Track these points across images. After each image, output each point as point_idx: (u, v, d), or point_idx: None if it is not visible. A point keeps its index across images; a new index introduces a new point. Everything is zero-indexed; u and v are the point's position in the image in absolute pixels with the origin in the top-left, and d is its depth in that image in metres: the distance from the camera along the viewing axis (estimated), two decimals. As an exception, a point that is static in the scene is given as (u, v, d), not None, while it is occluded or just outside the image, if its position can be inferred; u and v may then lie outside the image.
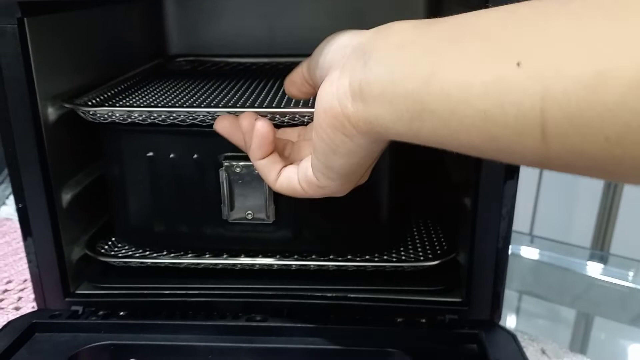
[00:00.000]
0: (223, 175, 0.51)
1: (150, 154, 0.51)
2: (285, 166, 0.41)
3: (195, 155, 0.51)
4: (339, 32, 0.37)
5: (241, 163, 0.50)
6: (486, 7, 0.41)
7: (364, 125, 0.32)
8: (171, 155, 0.51)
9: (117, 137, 0.52)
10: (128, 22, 0.69)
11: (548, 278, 0.76)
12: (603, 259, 0.80)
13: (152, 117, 0.48)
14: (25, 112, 0.46)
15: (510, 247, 0.48)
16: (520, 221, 0.93)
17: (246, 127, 0.41)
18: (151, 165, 0.52)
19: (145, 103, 0.53)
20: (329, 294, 0.51)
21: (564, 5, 0.23)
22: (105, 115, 0.49)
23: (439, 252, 0.55)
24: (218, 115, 0.46)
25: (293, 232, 0.53)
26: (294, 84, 0.43)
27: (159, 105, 0.52)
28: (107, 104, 0.52)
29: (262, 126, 0.40)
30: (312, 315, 0.49)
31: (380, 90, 0.30)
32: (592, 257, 0.80)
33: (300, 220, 0.53)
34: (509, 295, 0.67)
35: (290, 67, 0.71)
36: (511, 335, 0.45)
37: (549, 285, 0.74)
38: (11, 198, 0.89)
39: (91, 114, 0.49)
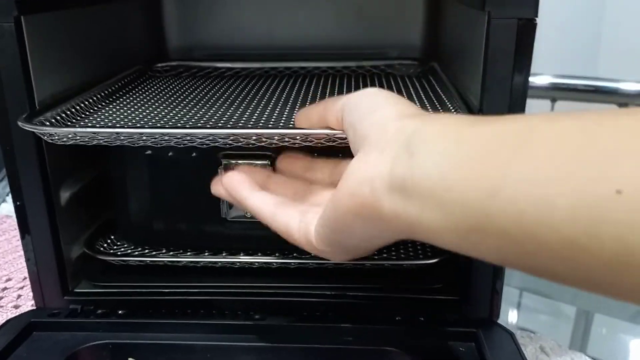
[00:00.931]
0: (222, 173, 0.51)
1: (149, 152, 0.51)
2: (287, 204, 0.40)
3: (194, 154, 0.51)
4: (380, 93, 0.34)
5: (240, 161, 0.50)
6: (483, 4, 0.41)
7: (398, 223, 0.28)
8: (170, 154, 0.51)
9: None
10: (120, 24, 0.69)
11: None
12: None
13: (120, 139, 0.43)
14: (23, 111, 0.46)
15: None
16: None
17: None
18: (150, 164, 0.51)
19: (114, 121, 0.49)
20: (327, 292, 0.51)
21: None
22: (66, 138, 0.43)
23: (437, 250, 0.55)
24: (199, 137, 0.43)
25: None
26: (308, 121, 0.42)
27: (130, 124, 0.48)
28: (70, 122, 0.47)
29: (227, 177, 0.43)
30: (311, 313, 0.49)
31: (429, 192, 0.26)
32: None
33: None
34: (510, 292, 0.67)
35: (285, 74, 0.70)
36: (509, 334, 0.45)
37: (549, 282, 0.74)
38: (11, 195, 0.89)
39: (50, 136, 0.44)
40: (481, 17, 0.42)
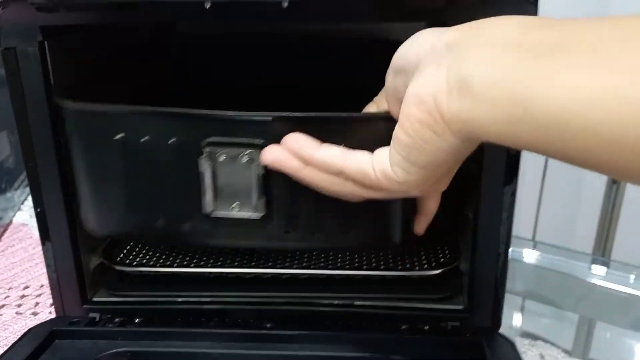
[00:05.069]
0: (205, 164, 0.44)
1: (121, 135, 0.45)
2: (353, 151, 0.40)
3: (173, 139, 0.44)
4: (419, 32, 0.37)
5: (225, 149, 0.44)
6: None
7: (457, 124, 0.32)
8: (143, 139, 0.45)
9: (82, 119, 0.47)
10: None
11: (551, 283, 0.77)
12: (605, 265, 0.82)
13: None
14: (46, 127, 0.48)
15: (513, 252, 0.49)
16: (523, 227, 0.94)
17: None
18: (122, 150, 0.46)
19: None
20: (336, 302, 0.53)
21: None
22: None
23: (442, 260, 0.57)
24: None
25: (286, 229, 0.47)
26: None
27: None
28: None
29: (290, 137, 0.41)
30: (320, 323, 0.51)
31: (481, 90, 0.30)
32: (594, 263, 0.82)
33: (294, 214, 0.47)
34: (513, 299, 0.69)
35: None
36: (510, 343, 0.47)
37: (552, 290, 0.75)
38: (26, 203, 0.91)
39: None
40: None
